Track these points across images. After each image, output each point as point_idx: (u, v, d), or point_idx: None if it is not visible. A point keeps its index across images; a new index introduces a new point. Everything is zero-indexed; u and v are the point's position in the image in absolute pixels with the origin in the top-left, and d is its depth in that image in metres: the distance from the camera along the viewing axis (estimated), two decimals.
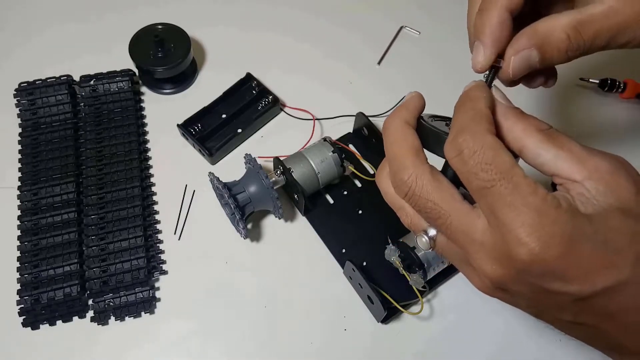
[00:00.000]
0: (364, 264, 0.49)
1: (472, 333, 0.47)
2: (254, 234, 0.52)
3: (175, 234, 0.51)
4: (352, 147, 0.56)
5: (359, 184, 0.54)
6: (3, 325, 0.46)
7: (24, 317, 0.45)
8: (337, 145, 0.51)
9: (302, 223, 0.52)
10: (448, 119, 0.34)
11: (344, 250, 0.50)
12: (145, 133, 0.57)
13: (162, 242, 0.51)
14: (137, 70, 0.59)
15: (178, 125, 0.55)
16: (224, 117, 0.57)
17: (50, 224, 0.49)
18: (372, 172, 0.54)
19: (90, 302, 0.47)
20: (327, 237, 0.51)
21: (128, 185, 0.52)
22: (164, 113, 0.58)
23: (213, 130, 0.55)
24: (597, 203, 0.25)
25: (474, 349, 0.47)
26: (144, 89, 0.60)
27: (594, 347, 0.30)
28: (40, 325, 0.46)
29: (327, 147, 0.51)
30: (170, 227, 0.52)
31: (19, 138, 0.54)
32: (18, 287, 0.46)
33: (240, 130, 0.56)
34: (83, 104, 0.56)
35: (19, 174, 0.52)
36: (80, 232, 0.49)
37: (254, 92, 0.58)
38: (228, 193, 0.46)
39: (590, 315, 0.27)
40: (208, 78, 0.61)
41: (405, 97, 0.33)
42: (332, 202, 0.53)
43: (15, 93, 0.55)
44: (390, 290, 0.46)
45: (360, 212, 0.52)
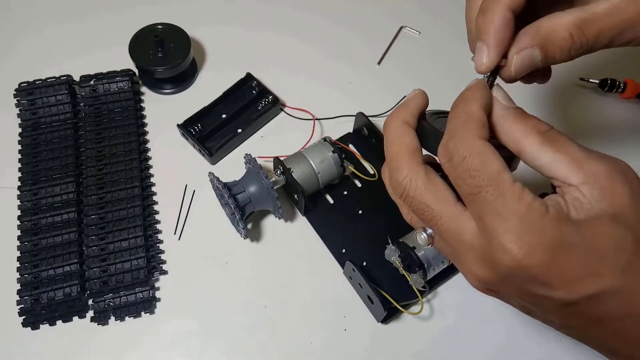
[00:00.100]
0: (364, 264, 0.49)
1: (472, 333, 0.47)
2: (254, 234, 0.52)
3: (175, 234, 0.51)
4: (352, 147, 0.56)
5: (359, 184, 0.54)
6: (3, 325, 0.46)
7: (24, 317, 0.45)
8: (337, 145, 0.51)
9: (302, 223, 0.52)
10: None
11: (344, 250, 0.50)
12: (145, 133, 0.57)
13: (162, 242, 0.51)
14: (137, 70, 0.59)
15: (178, 125, 0.55)
16: (224, 117, 0.57)
17: (50, 224, 0.49)
18: (372, 172, 0.54)
19: (90, 302, 0.47)
20: (327, 237, 0.51)
21: (128, 185, 0.51)
22: (164, 113, 0.58)
23: (213, 130, 0.55)
24: (590, 208, 0.25)
25: (474, 349, 0.47)
26: (144, 89, 0.60)
27: (590, 347, 0.30)
28: (40, 325, 0.46)
29: (327, 147, 0.51)
30: (170, 227, 0.52)
31: (19, 138, 0.54)
32: (18, 287, 0.46)
33: (240, 130, 0.56)
34: (83, 104, 0.56)
35: (19, 174, 0.52)
36: (80, 232, 0.49)
37: (254, 92, 0.58)
38: (228, 193, 0.46)
39: (578, 320, 0.27)
40: (208, 78, 0.61)
41: (408, 94, 0.33)
42: (332, 202, 0.53)
43: (15, 93, 0.55)
44: (390, 290, 0.46)
45: (360, 212, 0.52)
